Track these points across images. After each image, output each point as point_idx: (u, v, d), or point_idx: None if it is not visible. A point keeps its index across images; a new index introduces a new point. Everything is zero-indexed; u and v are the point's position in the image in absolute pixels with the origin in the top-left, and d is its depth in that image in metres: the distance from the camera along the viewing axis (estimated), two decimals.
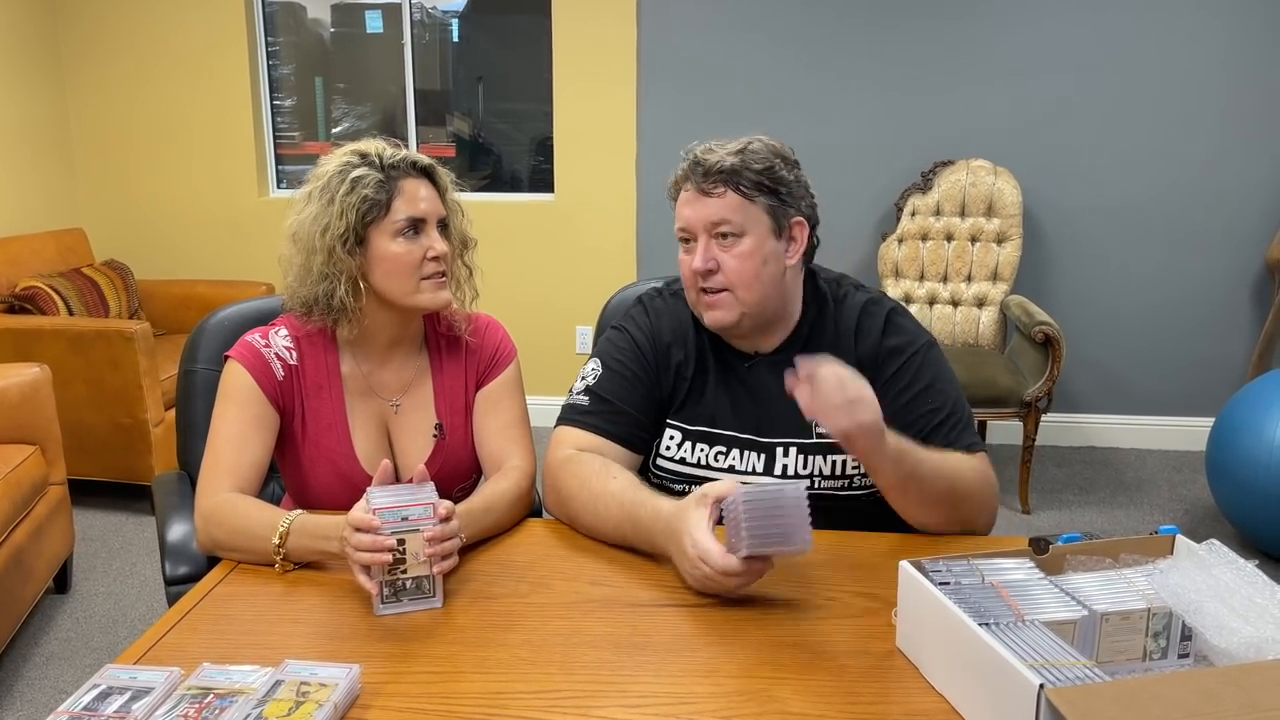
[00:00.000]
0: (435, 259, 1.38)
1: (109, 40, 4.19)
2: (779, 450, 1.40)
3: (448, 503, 1.16)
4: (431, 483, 1.17)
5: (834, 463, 1.40)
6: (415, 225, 1.37)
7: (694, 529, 1.14)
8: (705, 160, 1.35)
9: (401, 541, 1.11)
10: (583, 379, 1.46)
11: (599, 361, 1.46)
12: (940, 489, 1.29)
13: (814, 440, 1.40)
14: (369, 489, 1.16)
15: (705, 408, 1.42)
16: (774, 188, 1.35)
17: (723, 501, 1.13)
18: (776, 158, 1.36)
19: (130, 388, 3.09)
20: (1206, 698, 0.78)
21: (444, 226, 1.42)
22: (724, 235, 1.34)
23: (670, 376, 1.44)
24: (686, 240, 1.38)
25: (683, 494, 1.23)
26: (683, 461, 1.43)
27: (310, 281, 1.37)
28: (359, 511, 1.12)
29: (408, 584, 1.13)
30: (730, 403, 1.42)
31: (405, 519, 1.12)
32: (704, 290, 1.37)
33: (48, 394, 2.59)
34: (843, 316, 1.43)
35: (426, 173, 1.41)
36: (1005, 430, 3.91)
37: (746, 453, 1.41)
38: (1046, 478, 3.65)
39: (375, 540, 1.10)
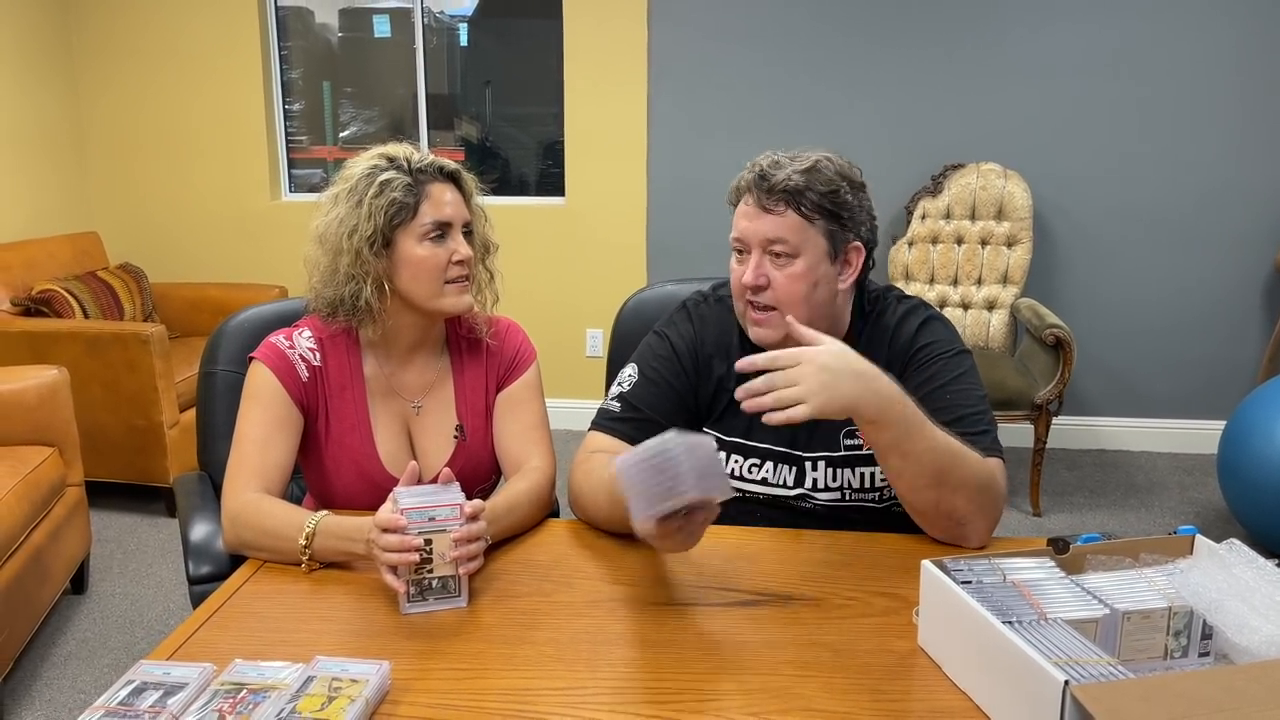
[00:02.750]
0: (460, 263, 1.40)
1: (121, 45, 4.22)
2: (808, 464, 1.41)
3: (477, 501, 1.18)
4: (457, 483, 1.19)
5: (863, 475, 1.40)
6: (441, 229, 1.39)
7: None
8: (771, 176, 1.32)
9: (428, 541, 1.12)
10: (619, 384, 1.46)
11: (635, 368, 1.46)
12: (932, 466, 1.23)
13: (844, 454, 1.40)
14: (396, 489, 1.17)
15: (742, 419, 1.41)
16: (836, 211, 1.33)
17: None
18: (843, 180, 1.33)
19: (146, 390, 3.11)
20: (1231, 694, 0.79)
21: (468, 231, 1.44)
22: (778, 254, 1.33)
23: (710, 387, 1.43)
24: (740, 251, 1.37)
25: None
26: None
27: (336, 283, 1.38)
28: (386, 512, 1.13)
29: (434, 583, 1.14)
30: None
31: (432, 519, 1.13)
32: (752, 304, 1.37)
33: (65, 396, 2.61)
34: (884, 327, 1.42)
35: (453, 178, 1.43)
36: (1016, 433, 3.91)
37: (779, 466, 1.42)
38: (1057, 480, 3.66)
39: (403, 540, 1.11)
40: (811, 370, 1.15)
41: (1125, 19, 3.69)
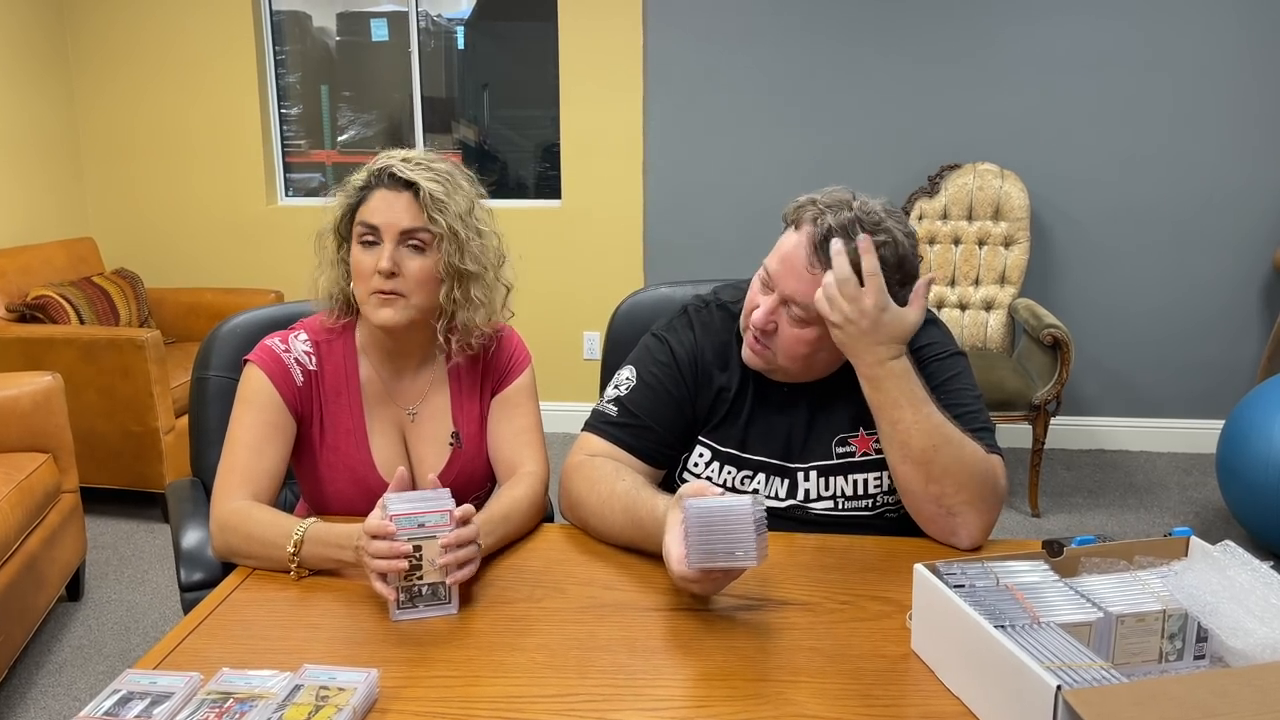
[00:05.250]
0: (381, 274, 1.32)
1: (117, 50, 4.22)
2: (800, 475, 1.40)
3: (467, 506, 1.17)
4: (447, 489, 1.18)
5: (855, 482, 1.40)
6: (371, 233, 1.34)
7: (668, 530, 1.14)
8: (825, 237, 1.27)
9: (418, 548, 1.12)
10: (615, 387, 1.44)
11: (634, 371, 1.43)
12: (920, 442, 1.25)
13: (836, 462, 1.39)
14: (385, 495, 1.16)
15: (738, 430, 1.40)
16: None
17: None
18: (896, 271, 1.28)
19: (141, 396, 3.11)
20: (1223, 698, 0.78)
21: (418, 245, 1.35)
22: (794, 313, 1.30)
23: (709, 396, 1.41)
24: (766, 277, 1.33)
25: None
26: (709, 480, 1.42)
27: (318, 266, 1.43)
28: (375, 519, 1.13)
29: (424, 590, 1.13)
30: (763, 426, 1.40)
31: (422, 525, 1.12)
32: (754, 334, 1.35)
33: (60, 402, 2.61)
34: None
35: (410, 186, 1.34)
36: (1014, 434, 3.90)
37: (771, 478, 1.40)
38: (1056, 481, 3.65)
39: (392, 547, 1.10)
40: (874, 308, 1.23)
41: (1122, 18, 3.69)
